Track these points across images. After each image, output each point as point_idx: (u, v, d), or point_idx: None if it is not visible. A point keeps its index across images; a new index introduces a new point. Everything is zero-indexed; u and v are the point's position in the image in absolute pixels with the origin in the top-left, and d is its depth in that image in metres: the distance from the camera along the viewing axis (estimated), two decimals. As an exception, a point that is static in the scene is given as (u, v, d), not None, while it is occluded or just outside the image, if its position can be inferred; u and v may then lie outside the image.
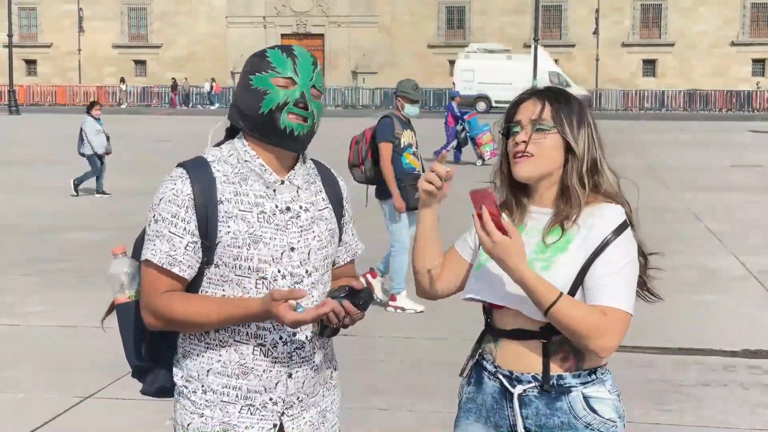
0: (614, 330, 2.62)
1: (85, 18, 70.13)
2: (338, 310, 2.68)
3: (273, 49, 2.81)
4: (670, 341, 8.12)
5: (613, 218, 2.70)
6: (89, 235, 13.59)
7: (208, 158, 2.83)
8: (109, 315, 3.01)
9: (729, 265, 11.57)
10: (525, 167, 2.74)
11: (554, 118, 2.73)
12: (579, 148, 2.73)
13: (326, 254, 2.88)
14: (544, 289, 2.60)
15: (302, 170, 2.87)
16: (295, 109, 2.74)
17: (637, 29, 69.37)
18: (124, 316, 2.91)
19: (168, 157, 26.25)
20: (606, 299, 2.64)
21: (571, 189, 2.74)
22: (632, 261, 2.70)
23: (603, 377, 2.75)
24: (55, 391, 6.76)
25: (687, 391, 6.89)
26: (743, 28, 68.49)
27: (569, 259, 2.68)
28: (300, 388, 2.84)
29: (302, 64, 2.77)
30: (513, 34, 68.94)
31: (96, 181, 18.34)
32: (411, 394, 6.71)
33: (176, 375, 2.88)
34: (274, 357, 2.77)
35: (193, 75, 69.56)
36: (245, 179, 2.79)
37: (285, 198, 2.80)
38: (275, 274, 2.77)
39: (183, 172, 2.79)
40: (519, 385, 2.74)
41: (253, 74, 2.78)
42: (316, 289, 2.83)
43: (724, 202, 17.49)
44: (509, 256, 2.59)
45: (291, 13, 70.84)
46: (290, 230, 2.79)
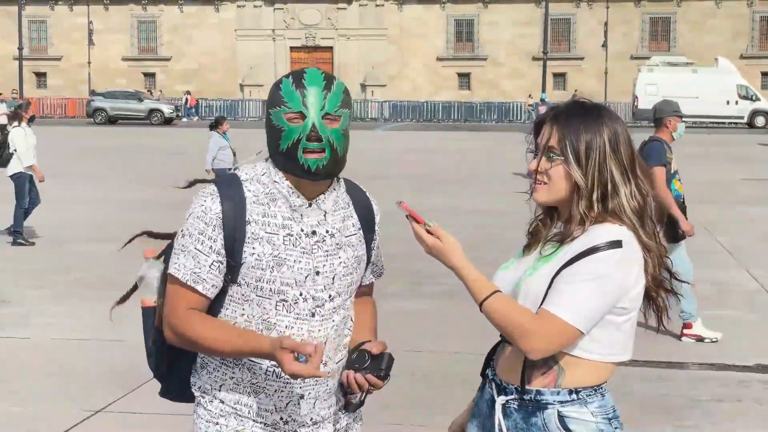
0: (543, 333, 2.60)
1: (96, 31, 70.38)
2: (362, 383, 2.74)
3: (287, 79, 2.78)
4: (684, 356, 8.08)
5: (603, 236, 2.66)
6: (101, 246, 13.59)
7: (242, 177, 2.82)
8: (122, 303, 3.18)
9: (741, 279, 11.53)
10: (539, 194, 2.77)
11: (560, 147, 2.71)
12: (585, 181, 2.69)
13: (351, 281, 2.87)
14: (479, 285, 2.68)
15: (333, 195, 2.85)
16: (308, 144, 2.72)
17: (646, 42, 69.36)
18: (148, 319, 2.98)
19: (178, 169, 26.35)
20: (548, 303, 2.63)
21: (573, 217, 2.72)
22: (601, 278, 2.62)
23: (588, 398, 2.70)
24: (66, 405, 6.74)
25: (702, 407, 6.84)
26: (752, 41, 68.44)
27: (550, 268, 2.68)
28: (311, 409, 2.83)
29: (312, 94, 2.73)
30: (522, 47, 69.01)
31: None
32: (423, 408, 6.68)
33: (193, 385, 2.91)
34: (287, 379, 2.77)
35: (203, 88, 69.73)
36: (274, 200, 2.78)
37: (311, 222, 2.79)
38: (296, 296, 2.76)
39: (214, 189, 2.79)
40: (502, 395, 2.76)
41: (271, 108, 2.78)
42: (338, 314, 2.83)
43: (736, 216, 17.44)
44: (444, 256, 2.71)
45: (300, 26, 71.01)
46: (316, 254, 2.78)
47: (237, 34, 71.62)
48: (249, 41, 71.25)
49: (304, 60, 71.21)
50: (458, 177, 23.85)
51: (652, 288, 2.76)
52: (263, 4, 71.47)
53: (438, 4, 70.51)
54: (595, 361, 2.70)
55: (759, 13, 68.40)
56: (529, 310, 2.65)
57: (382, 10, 70.78)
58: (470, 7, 70.30)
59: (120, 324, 9.64)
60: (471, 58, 70.42)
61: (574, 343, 2.66)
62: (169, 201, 18.70)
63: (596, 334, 2.67)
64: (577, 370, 2.69)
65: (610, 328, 2.69)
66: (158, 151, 33.10)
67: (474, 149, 34.89)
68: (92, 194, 20.18)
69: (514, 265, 2.82)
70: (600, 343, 2.69)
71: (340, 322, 2.84)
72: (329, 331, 2.80)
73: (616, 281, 2.64)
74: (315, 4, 71.02)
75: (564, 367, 2.68)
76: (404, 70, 68.65)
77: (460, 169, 26.10)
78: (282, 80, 2.79)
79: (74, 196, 19.75)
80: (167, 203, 18.30)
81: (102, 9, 72.15)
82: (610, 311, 2.66)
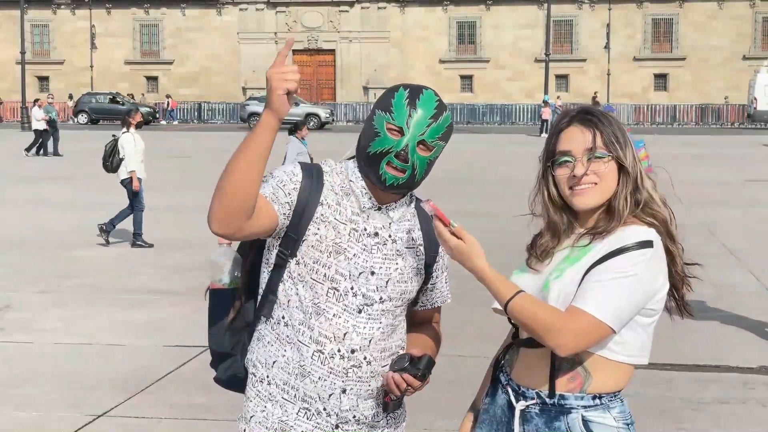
0: (571, 329, 2.59)
1: (98, 34, 70.43)
2: (399, 382, 2.79)
3: (404, 90, 2.85)
4: (688, 358, 8.06)
5: (632, 236, 2.68)
6: (104, 251, 13.59)
7: (324, 168, 2.94)
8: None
9: (745, 280, 11.51)
10: (590, 197, 2.74)
11: (607, 144, 2.73)
12: (631, 169, 2.74)
13: (405, 289, 2.93)
14: (503, 285, 2.68)
15: (403, 207, 2.94)
16: (395, 160, 2.80)
17: (649, 43, 69.34)
18: (215, 302, 3.01)
19: (183, 174, 26.36)
20: (576, 300, 2.63)
21: (616, 209, 2.73)
22: (630, 277, 2.63)
23: (610, 404, 2.71)
24: (69, 409, 6.74)
25: (705, 409, 6.83)
26: (755, 42, 68.41)
27: (579, 268, 2.68)
28: (354, 406, 2.88)
29: (419, 116, 2.80)
30: (525, 49, 69.01)
31: None
32: (427, 413, 6.66)
33: (248, 361, 2.97)
34: (331, 367, 2.84)
35: (205, 91, 69.80)
36: (347, 195, 2.89)
37: (376, 224, 2.89)
38: (347, 289, 2.84)
39: (299, 165, 2.91)
40: (522, 400, 2.75)
41: (378, 109, 2.86)
42: (386, 317, 2.90)
43: (740, 218, 17.42)
44: (467, 258, 2.69)
45: (302, 29, 71.03)
46: (375, 255, 2.87)
47: (239, 37, 71.66)
48: (251, 44, 71.28)
49: (307, 63, 71.23)
50: (461, 179, 23.82)
51: (678, 283, 2.79)
52: (265, 7, 71.52)
53: (440, 7, 70.53)
54: (620, 364, 2.71)
55: (762, 14, 68.36)
56: (557, 308, 2.65)
57: (384, 13, 70.80)
58: (472, 10, 70.31)
59: (120, 329, 9.66)
60: (473, 61, 70.40)
61: (603, 342, 2.66)
62: (172, 205, 18.75)
63: (625, 336, 2.68)
64: (602, 374, 2.69)
65: (638, 329, 2.71)
66: (159, 155, 33.09)
67: (476, 151, 34.86)
68: (99, 198, 20.17)
69: (525, 274, 2.81)
70: (627, 345, 2.70)
71: (388, 326, 2.90)
72: (374, 332, 2.87)
73: (647, 281, 2.66)
74: (317, 7, 71.05)
75: (591, 372, 2.69)
76: (407, 72, 68.63)
77: (463, 171, 26.07)
78: (399, 88, 2.86)
79: (79, 200, 19.75)
80: (171, 207, 18.33)
81: (104, 13, 72.20)
82: (639, 312, 2.67)
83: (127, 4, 72.64)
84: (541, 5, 65.73)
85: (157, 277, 11.62)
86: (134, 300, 10.37)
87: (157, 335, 8.82)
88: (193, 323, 8.74)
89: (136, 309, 9.93)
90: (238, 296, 2.99)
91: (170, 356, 8.09)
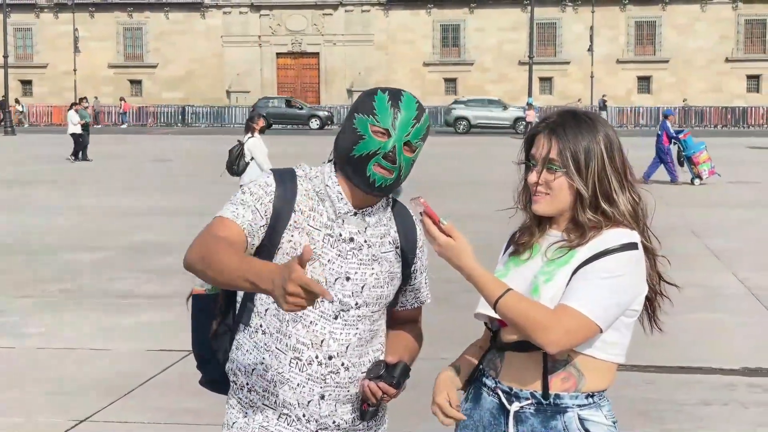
0: (560, 326, 2.62)
1: (81, 38, 70.19)
2: (374, 390, 2.81)
3: (383, 94, 2.86)
4: (670, 360, 8.09)
5: (618, 238, 2.71)
6: (89, 255, 13.55)
7: (298, 172, 2.94)
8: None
9: (728, 282, 11.56)
10: (541, 206, 2.79)
11: (561, 159, 2.74)
12: (586, 189, 2.74)
13: (381, 294, 2.93)
14: (491, 284, 2.70)
15: (380, 211, 2.94)
16: (383, 161, 2.82)
17: (632, 46, 69.58)
18: (197, 307, 3.04)
19: (164, 177, 26.27)
20: (566, 299, 2.66)
21: (581, 225, 2.76)
22: (617, 277, 2.67)
23: (600, 402, 2.77)
24: (52, 414, 6.71)
25: (688, 410, 6.86)
26: (738, 44, 68.71)
27: (567, 270, 2.72)
28: (333, 412, 2.89)
29: (403, 118, 2.82)
30: (508, 52, 69.14)
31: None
32: (410, 415, 6.66)
33: (229, 369, 2.98)
34: (309, 374, 2.85)
35: (189, 94, 69.67)
36: (323, 201, 2.89)
37: (351, 229, 2.88)
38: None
39: (272, 175, 2.91)
40: (516, 402, 2.77)
41: (357, 113, 2.86)
42: (363, 323, 2.90)
43: (723, 219, 17.49)
44: (456, 256, 2.69)
45: (286, 32, 71.00)
46: (350, 260, 2.87)
47: (223, 40, 71.57)
48: (235, 48, 71.21)
49: (291, 66, 71.24)
50: (443, 181, 23.83)
51: (650, 290, 2.83)
52: (249, 10, 71.46)
53: (424, 9, 70.61)
54: (607, 363, 2.76)
55: (744, 16, 68.67)
56: (546, 306, 2.67)
57: (368, 16, 70.84)
58: (456, 13, 70.41)
59: (105, 334, 9.63)
60: (457, 64, 70.51)
61: (591, 342, 2.70)
62: (154, 207, 18.72)
63: (611, 335, 2.73)
64: (593, 373, 2.74)
65: (622, 329, 2.76)
66: (143, 158, 33.01)
67: (460, 154, 34.90)
68: (83, 201, 20.12)
69: (510, 273, 2.83)
70: (614, 345, 2.75)
71: (365, 332, 2.91)
72: (351, 338, 2.88)
73: (632, 283, 2.71)
74: (301, 10, 71.02)
75: (583, 372, 2.73)
76: (391, 75, 68.68)
77: (446, 173, 26.10)
78: (377, 92, 2.87)
79: (65, 204, 19.69)
80: (158, 210, 18.29)
81: (87, 16, 72.01)
82: (623, 312, 2.72)
83: (110, 7, 72.49)
84: (525, 8, 65.93)
85: (142, 281, 11.59)
86: (119, 304, 10.34)
87: (141, 339, 8.80)
88: (178, 327, 8.72)
89: (121, 313, 9.90)
90: (220, 302, 3.00)
91: (154, 360, 8.08)
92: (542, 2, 65.56)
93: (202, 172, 26.25)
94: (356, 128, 2.84)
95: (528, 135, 2.86)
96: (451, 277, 2.76)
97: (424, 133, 2.89)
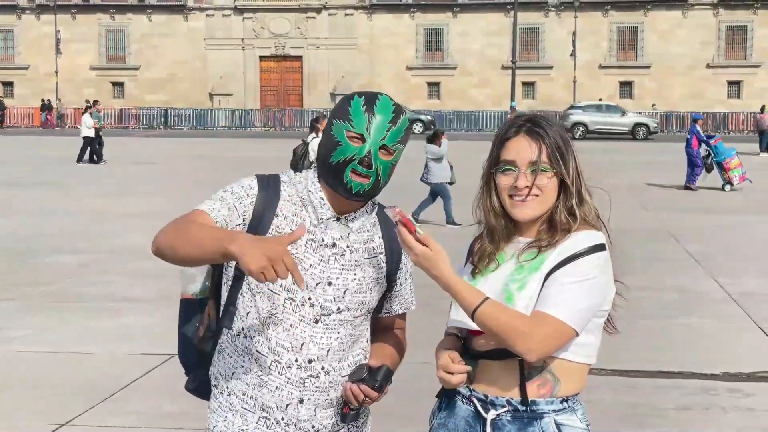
0: (537, 334, 2.64)
1: (63, 40, 69.92)
2: (356, 393, 2.81)
3: (359, 98, 2.86)
4: (651, 364, 8.13)
5: (586, 240, 2.74)
6: (70, 258, 13.50)
7: (282, 178, 2.95)
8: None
9: (708, 287, 11.61)
10: (530, 209, 2.79)
11: (551, 159, 2.77)
12: (572, 184, 2.79)
13: (364, 299, 2.93)
14: (469, 293, 2.69)
15: (363, 216, 2.95)
16: (358, 167, 2.82)
17: (614, 51, 69.80)
18: (185, 311, 3.04)
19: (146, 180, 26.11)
20: (540, 305, 2.68)
21: (559, 222, 2.78)
22: (590, 280, 2.70)
23: (575, 406, 2.78)
24: (33, 418, 6.69)
25: (668, 415, 6.89)
26: (719, 50, 69.05)
27: (540, 275, 2.73)
28: (312, 416, 2.89)
29: (378, 122, 2.82)
30: (492, 56, 69.26)
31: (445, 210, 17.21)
32: (390, 420, 6.68)
33: (211, 374, 3.00)
34: (288, 377, 2.85)
35: (172, 97, 69.48)
36: (305, 206, 2.90)
37: (334, 234, 2.89)
38: (305, 299, 2.85)
39: (255, 178, 2.93)
40: (492, 409, 2.77)
41: (335, 119, 2.87)
42: (344, 328, 2.90)
43: (704, 224, 17.57)
44: (432, 266, 2.68)
45: (269, 35, 70.92)
46: (332, 265, 2.87)
47: (206, 43, 71.40)
48: (218, 50, 71.06)
49: (274, 69, 71.13)
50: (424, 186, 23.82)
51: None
52: (232, 13, 71.33)
53: (407, 14, 70.67)
54: (581, 365, 2.77)
55: (725, 22, 69.01)
56: (523, 313, 2.69)
57: (352, 20, 70.83)
58: (440, 17, 70.49)
59: (87, 337, 9.59)
60: (441, 68, 70.56)
61: (566, 345, 2.71)
62: (136, 210, 18.66)
63: (584, 337, 2.74)
64: (568, 377, 2.75)
65: (594, 331, 2.78)
66: (125, 161, 32.91)
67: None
68: (65, 204, 20.04)
69: (480, 284, 2.81)
70: (587, 347, 2.77)
71: (347, 336, 2.91)
72: (332, 342, 2.88)
73: (603, 283, 2.74)
74: (284, 14, 70.95)
75: (558, 377, 2.74)
76: (374, 79, 68.68)
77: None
78: (354, 97, 2.88)
79: (47, 207, 19.60)
80: (141, 213, 18.23)
81: (69, 18, 71.73)
82: (595, 314, 2.74)
83: (92, 9, 72.20)
84: (508, 13, 66.09)
85: (124, 285, 11.56)
86: (101, 307, 10.31)
87: (123, 343, 8.78)
88: (160, 330, 8.71)
89: (103, 316, 9.87)
90: (207, 306, 3.01)
91: (136, 364, 8.06)
92: (525, 7, 65.72)
93: (185, 175, 26.21)
94: (333, 135, 2.85)
95: (499, 140, 2.86)
96: (433, 281, 2.77)
97: (402, 135, 2.88)
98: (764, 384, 7.72)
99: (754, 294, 11.13)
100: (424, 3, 70.27)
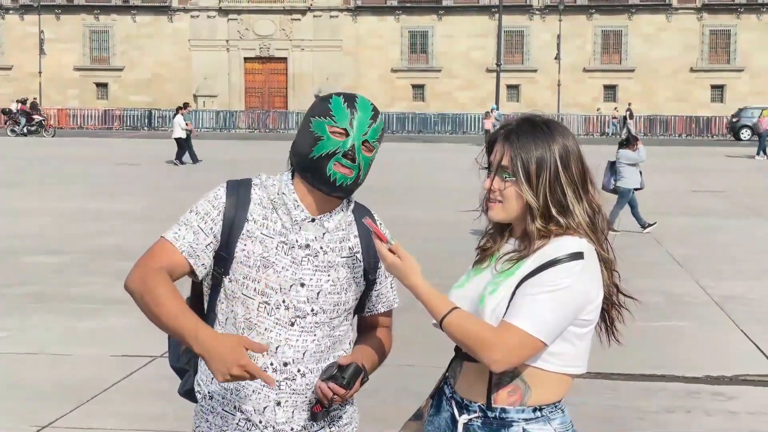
0: (505, 345, 2.61)
1: (47, 40, 69.69)
2: (326, 391, 2.82)
3: (338, 97, 2.90)
4: (633, 367, 8.13)
5: (563, 248, 2.69)
6: (51, 258, 13.44)
7: (254, 181, 2.97)
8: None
9: (691, 290, 11.64)
10: (494, 212, 2.80)
11: (511, 167, 2.73)
12: (536, 199, 2.72)
13: (339, 300, 2.93)
14: (437, 302, 2.70)
15: (339, 216, 2.95)
16: (342, 160, 2.84)
17: (599, 54, 70.01)
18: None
19: (128, 180, 26.00)
20: (509, 316, 2.65)
21: (530, 233, 2.74)
22: (562, 290, 2.64)
23: (551, 415, 2.73)
24: (12, 420, 6.64)
25: (651, 418, 6.90)
26: (702, 54, 69.34)
27: (511, 282, 2.70)
28: (290, 418, 2.89)
29: (360, 118, 2.87)
30: (476, 59, 69.35)
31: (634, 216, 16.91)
32: (374, 422, 6.66)
33: (196, 379, 3.03)
34: (263, 382, 2.83)
35: (156, 98, 69.29)
36: (277, 208, 2.90)
37: (308, 235, 2.90)
38: (279, 302, 2.86)
39: (224, 185, 2.95)
40: (465, 413, 2.76)
41: (313, 117, 2.90)
42: (321, 330, 2.91)
43: (686, 227, 17.63)
44: (403, 275, 2.72)
45: (254, 37, 70.83)
46: (304, 266, 2.88)
47: (191, 44, 71.27)
48: (203, 52, 70.94)
49: (259, 71, 71.04)
50: (410, 187, 23.86)
51: (606, 300, 2.81)
52: (217, 14, 71.22)
53: (392, 16, 70.70)
54: (557, 374, 2.72)
55: (708, 26, 69.31)
56: (490, 324, 2.66)
57: (337, 21, 70.83)
58: (425, 19, 70.55)
59: (69, 338, 9.54)
60: (425, 70, 70.63)
61: (537, 354, 2.67)
62: (118, 211, 18.60)
63: (560, 346, 2.69)
64: (541, 386, 2.71)
65: (573, 340, 2.72)
66: (106, 162, 32.80)
67: (427, 160, 34.96)
68: (46, 204, 19.95)
69: (469, 283, 2.82)
70: (562, 356, 2.71)
71: (324, 338, 2.91)
72: (309, 345, 2.88)
73: (579, 292, 2.67)
74: (269, 15, 70.88)
75: (530, 385, 2.70)
76: (359, 81, 68.71)
77: (412, 179, 26.13)
78: (332, 96, 2.92)
79: (28, 207, 19.51)
80: (123, 214, 18.17)
81: (53, 18, 71.48)
82: (572, 323, 2.69)
83: (76, 9, 71.95)
84: (493, 15, 66.19)
85: (105, 286, 11.50)
86: (82, 308, 10.26)
87: (104, 344, 8.74)
88: (141, 332, 8.66)
89: (84, 318, 9.83)
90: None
91: (118, 366, 8.02)
92: (510, 10, 65.83)
93: (168, 177, 26.14)
94: (313, 131, 2.87)
95: (489, 141, 2.87)
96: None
97: (380, 133, 2.93)
98: (747, 387, 7.75)
99: (736, 297, 11.17)
100: (409, 5, 70.32)
